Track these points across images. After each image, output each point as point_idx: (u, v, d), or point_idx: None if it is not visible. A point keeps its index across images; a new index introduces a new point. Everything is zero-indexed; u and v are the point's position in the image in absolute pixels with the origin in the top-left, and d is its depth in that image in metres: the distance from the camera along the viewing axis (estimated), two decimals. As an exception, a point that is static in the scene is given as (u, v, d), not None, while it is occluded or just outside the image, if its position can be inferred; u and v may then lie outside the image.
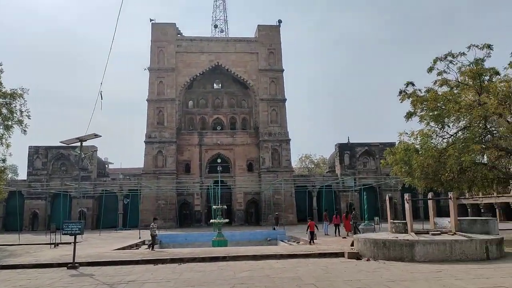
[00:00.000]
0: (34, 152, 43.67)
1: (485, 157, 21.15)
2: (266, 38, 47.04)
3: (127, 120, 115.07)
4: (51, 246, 20.88)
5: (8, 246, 21.92)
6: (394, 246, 12.22)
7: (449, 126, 20.03)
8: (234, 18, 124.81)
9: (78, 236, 13.20)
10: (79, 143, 14.36)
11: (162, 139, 43.39)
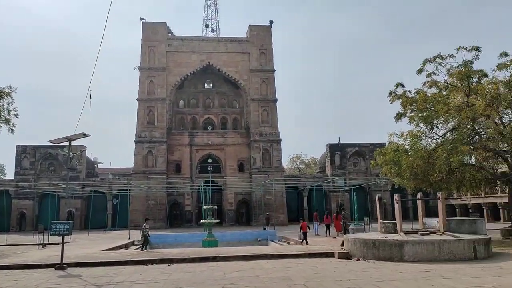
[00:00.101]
0: (22, 151, 43.10)
1: (473, 158, 21.45)
2: (257, 38, 47.03)
3: (117, 119, 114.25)
4: (39, 246, 20.67)
5: (-6, 246, 21.57)
6: (383, 246, 12.30)
7: (438, 127, 20.29)
8: (226, 18, 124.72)
9: (66, 236, 13.05)
10: (68, 143, 14.21)
11: (152, 139, 43.14)
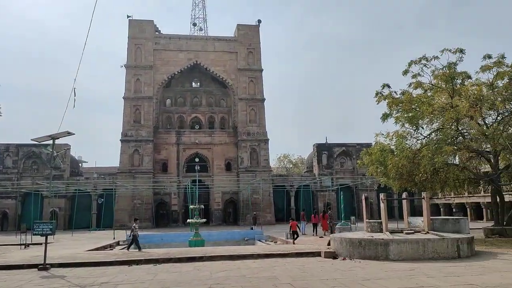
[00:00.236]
0: (5, 150, 42.30)
1: (457, 158, 21.80)
2: (245, 38, 46.96)
3: (102, 118, 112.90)
4: (21, 247, 20.29)
5: (-25, 247, 21.09)
6: (369, 245, 12.40)
7: (423, 128, 20.58)
8: (214, 17, 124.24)
9: (49, 236, 12.82)
10: (52, 141, 13.95)
11: (138, 138, 42.74)
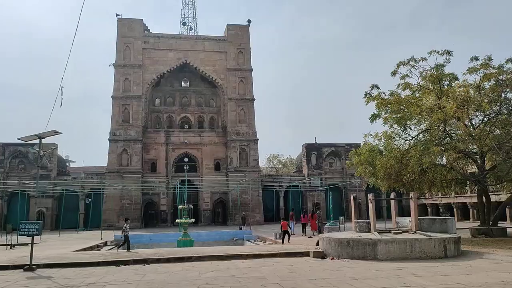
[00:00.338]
0: (-10, 149, 41.56)
1: (444, 158, 22.07)
2: (235, 38, 46.90)
3: (90, 117, 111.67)
4: (7, 247, 20.04)
5: (-42, 248, 20.69)
6: (357, 245, 12.47)
7: (411, 129, 20.81)
8: (203, 16, 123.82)
9: (36, 237, 12.63)
10: (38, 140, 13.79)
11: (127, 137, 42.37)
